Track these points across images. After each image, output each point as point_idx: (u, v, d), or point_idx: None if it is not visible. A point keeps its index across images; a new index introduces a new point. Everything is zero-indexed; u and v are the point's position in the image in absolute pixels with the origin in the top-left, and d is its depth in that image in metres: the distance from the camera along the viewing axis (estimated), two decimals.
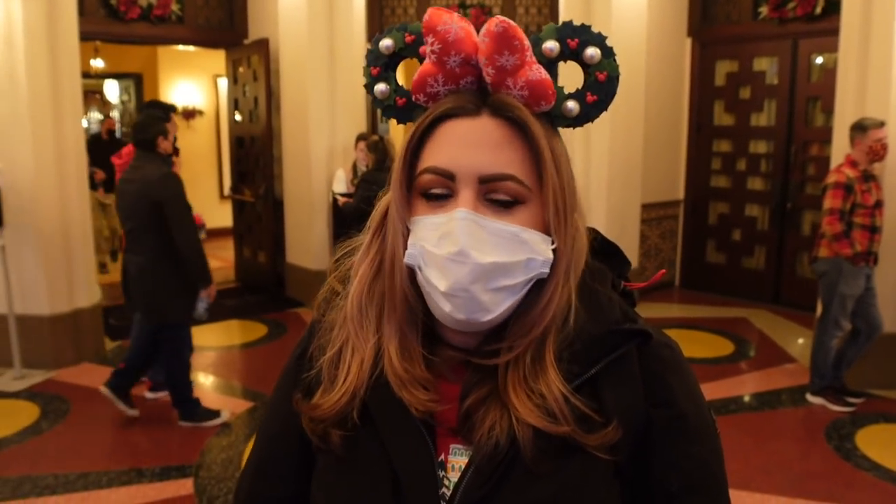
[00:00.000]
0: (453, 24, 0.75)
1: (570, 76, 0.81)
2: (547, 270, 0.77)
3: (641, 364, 0.80)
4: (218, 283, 7.44)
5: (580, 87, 0.80)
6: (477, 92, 0.79)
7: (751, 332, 5.88)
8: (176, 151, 4.25)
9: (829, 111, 5.96)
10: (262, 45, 6.44)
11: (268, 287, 6.95)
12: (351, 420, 0.80)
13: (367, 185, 5.16)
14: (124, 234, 4.01)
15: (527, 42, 0.75)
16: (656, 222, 6.98)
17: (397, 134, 10.05)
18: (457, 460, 0.78)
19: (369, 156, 5.40)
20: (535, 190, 0.77)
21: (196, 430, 3.98)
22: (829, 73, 6.00)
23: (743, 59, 6.60)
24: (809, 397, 4.46)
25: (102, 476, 3.47)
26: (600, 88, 0.79)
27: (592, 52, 0.78)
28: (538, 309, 0.78)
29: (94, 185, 7.21)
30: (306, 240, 6.52)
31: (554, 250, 0.77)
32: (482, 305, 0.75)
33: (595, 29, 0.78)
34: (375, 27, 6.70)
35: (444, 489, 0.77)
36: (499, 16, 0.75)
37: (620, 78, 0.79)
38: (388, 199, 0.84)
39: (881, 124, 4.10)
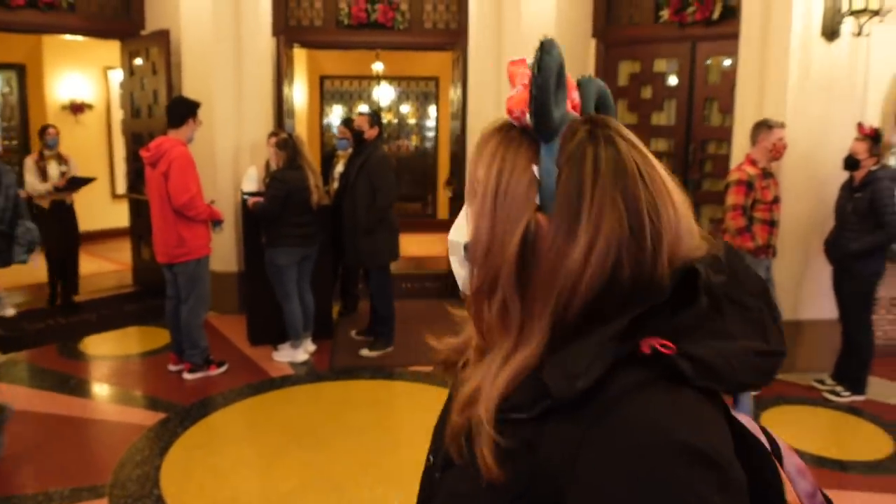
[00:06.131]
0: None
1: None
2: (463, 255, 0.86)
3: (591, 429, 0.67)
4: (115, 287, 7.13)
5: None
6: None
7: None
8: None
9: (724, 111, 6.27)
10: (163, 37, 6.14)
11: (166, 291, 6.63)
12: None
13: (278, 183, 5.02)
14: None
15: (518, 71, 0.76)
16: None
17: (304, 131, 9.85)
18: None
19: (279, 154, 5.24)
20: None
21: (106, 447, 3.75)
22: (725, 75, 6.31)
23: (644, 60, 6.83)
24: None
25: (3, 503, 3.21)
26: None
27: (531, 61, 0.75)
28: None
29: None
30: (212, 241, 6.26)
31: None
32: (455, 274, 0.87)
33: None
34: (282, 20, 6.53)
35: None
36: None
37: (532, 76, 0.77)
38: None
39: (782, 124, 4.36)
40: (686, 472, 0.61)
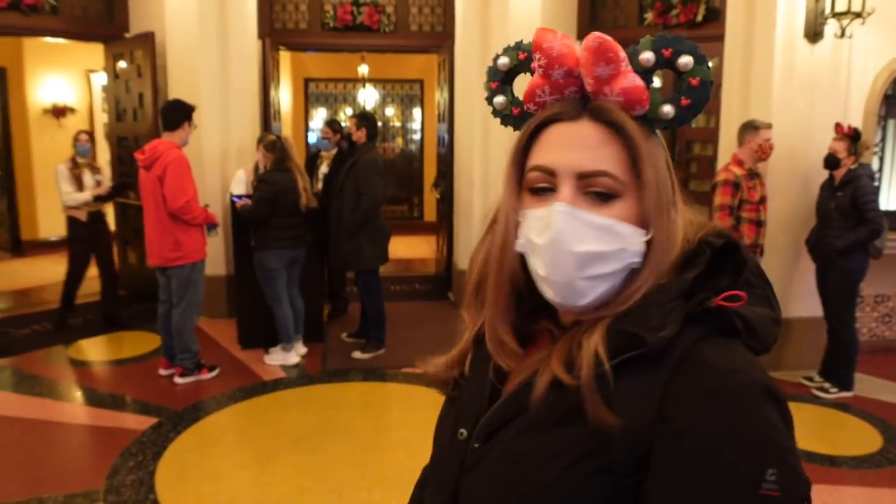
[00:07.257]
0: (556, 41, 0.83)
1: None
2: (638, 260, 0.82)
3: (673, 379, 0.73)
4: (100, 292, 7.05)
5: (675, 92, 0.85)
6: (579, 100, 0.86)
7: None
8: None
9: (709, 112, 6.33)
10: (148, 40, 6.10)
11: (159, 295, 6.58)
12: (460, 371, 0.97)
13: (266, 185, 5.01)
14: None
15: (622, 53, 0.82)
16: None
17: (288, 134, 9.80)
18: None
19: (267, 156, 5.23)
20: (630, 186, 0.82)
21: (99, 453, 3.72)
22: None
23: None
24: None
25: None
26: (693, 93, 0.84)
27: (686, 60, 0.84)
28: (627, 294, 0.82)
29: None
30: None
31: (649, 242, 0.82)
32: (578, 291, 0.81)
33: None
34: (267, 23, 6.51)
35: None
36: (596, 32, 0.81)
37: (701, 82, 0.86)
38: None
39: (769, 125, 4.41)
40: (766, 406, 0.72)
